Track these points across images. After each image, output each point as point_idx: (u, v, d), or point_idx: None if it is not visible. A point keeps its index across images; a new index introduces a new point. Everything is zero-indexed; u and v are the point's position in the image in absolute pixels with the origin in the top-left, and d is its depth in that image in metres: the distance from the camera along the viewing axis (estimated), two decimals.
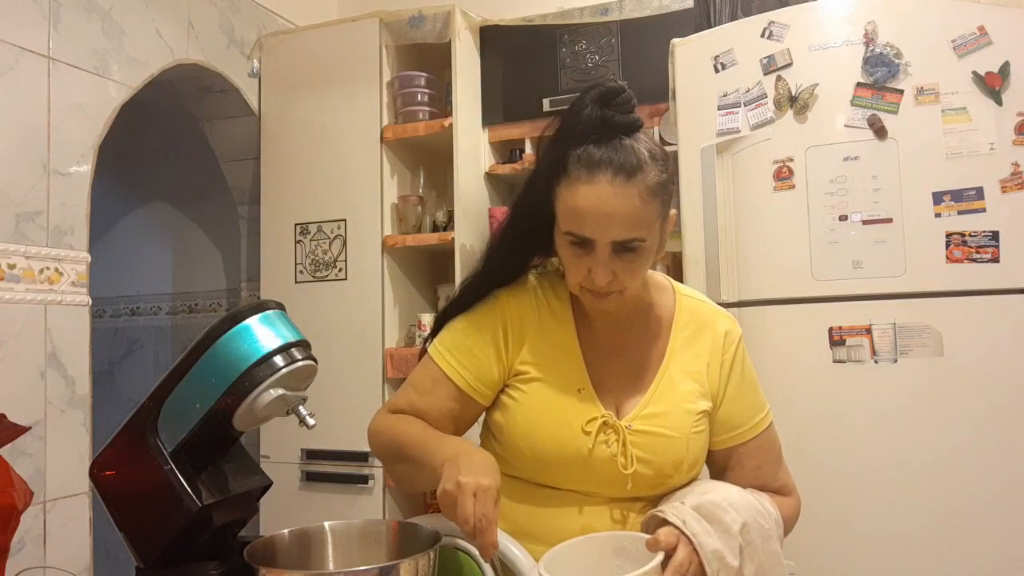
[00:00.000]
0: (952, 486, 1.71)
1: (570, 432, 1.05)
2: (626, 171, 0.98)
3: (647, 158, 0.99)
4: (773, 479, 1.15)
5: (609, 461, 1.04)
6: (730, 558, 0.93)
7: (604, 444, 1.05)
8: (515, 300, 1.13)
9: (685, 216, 2.01)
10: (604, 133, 1.00)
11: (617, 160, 0.98)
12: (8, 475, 1.04)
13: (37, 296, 2.04)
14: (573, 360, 1.10)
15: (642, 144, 1.01)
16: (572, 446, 1.04)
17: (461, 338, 1.12)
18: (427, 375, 1.12)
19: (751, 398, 1.15)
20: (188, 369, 0.97)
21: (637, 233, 0.99)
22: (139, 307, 3.43)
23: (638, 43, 2.49)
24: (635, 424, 1.06)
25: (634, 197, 0.98)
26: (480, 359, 1.10)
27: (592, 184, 0.98)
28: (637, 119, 1.02)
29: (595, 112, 1.00)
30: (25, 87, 2.03)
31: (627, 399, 1.09)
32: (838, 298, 1.82)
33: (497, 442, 1.12)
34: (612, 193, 0.97)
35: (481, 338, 1.11)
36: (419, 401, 1.11)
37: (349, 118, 2.62)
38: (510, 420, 1.08)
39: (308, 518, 0.98)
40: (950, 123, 1.77)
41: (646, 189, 0.98)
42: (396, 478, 1.14)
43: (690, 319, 1.14)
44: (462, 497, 0.87)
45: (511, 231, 1.12)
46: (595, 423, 1.05)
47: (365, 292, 2.56)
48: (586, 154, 0.99)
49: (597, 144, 0.99)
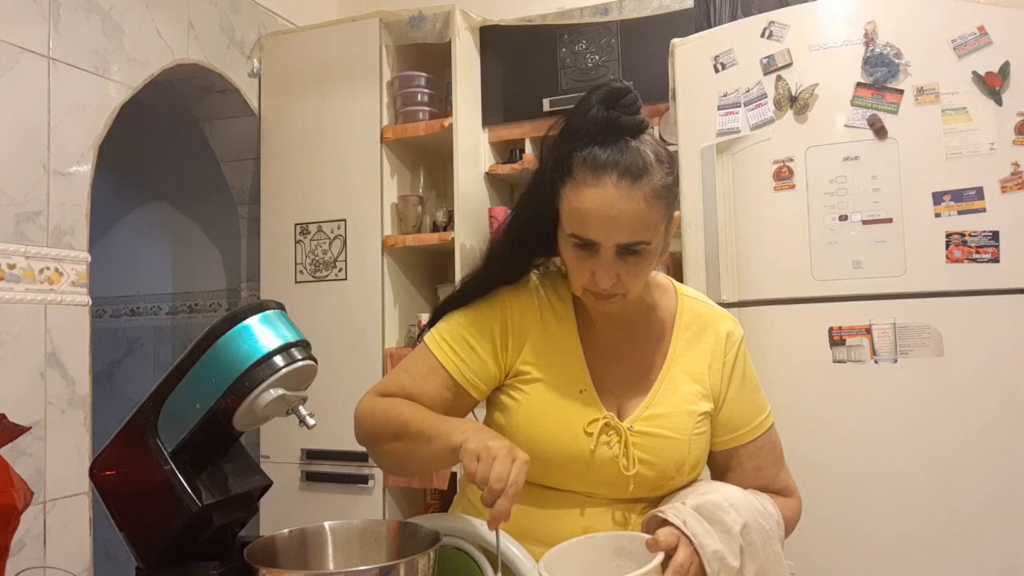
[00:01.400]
0: (952, 486, 1.71)
1: (572, 433, 1.05)
2: (632, 174, 0.96)
3: (653, 160, 0.98)
4: (774, 480, 1.15)
5: (611, 462, 1.04)
6: (731, 559, 0.93)
7: (606, 446, 1.04)
8: (517, 299, 1.12)
9: (685, 216, 2.01)
10: (610, 134, 0.98)
11: (623, 162, 0.96)
12: (8, 475, 1.03)
13: (37, 296, 2.04)
14: (575, 361, 1.10)
15: (648, 146, 0.99)
16: (574, 447, 1.04)
17: (460, 330, 1.11)
18: (422, 362, 1.11)
19: (752, 400, 1.15)
20: (188, 369, 0.97)
21: (642, 236, 0.98)
22: (139, 307, 3.43)
23: (638, 43, 2.49)
24: (637, 425, 1.06)
25: (640, 200, 0.96)
26: (478, 354, 1.09)
27: (598, 187, 0.96)
28: (643, 120, 1.00)
29: (601, 113, 0.98)
30: (25, 87, 2.03)
31: (629, 400, 1.09)
32: (838, 298, 1.82)
33: None
34: (617, 196, 0.96)
35: (480, 333, 1.10)
36: (411, 385, 1.09)
37: (349, 118, 2.62)
38: (511, 421, 1.08)
39: (308, 518, 0.97)
40: (950, 123, 1.77)
41: (652, 192, 0.97)
42: (386, 458, 1.10)
43: (692, 320, 1.14)
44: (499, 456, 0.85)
45: (514, 231, 1.11)
46: (597, 424, 1.04)
47: (365, 292, 2.56)
48: (591, 156, 0.97)
49: (603, 146, 0.97)
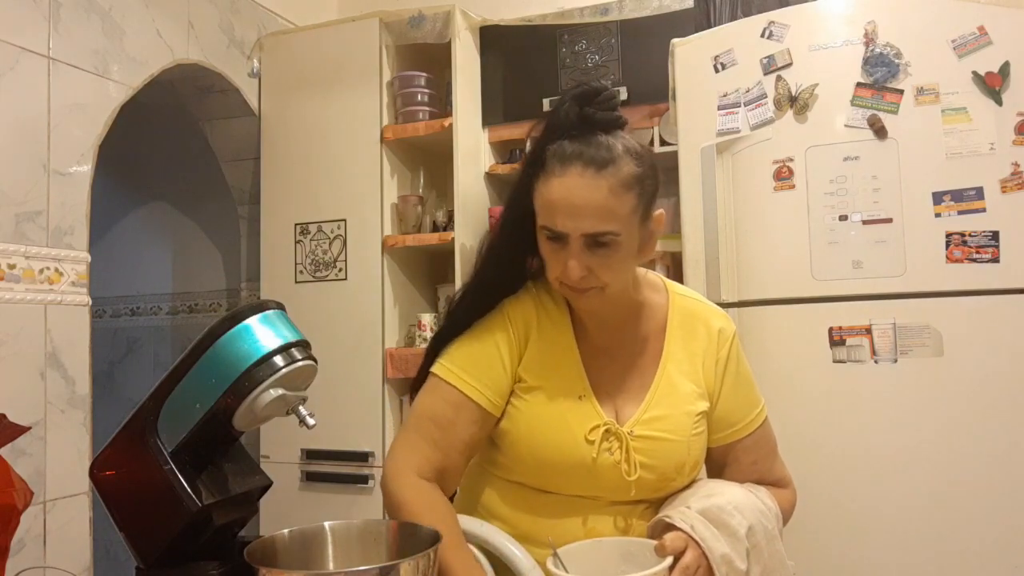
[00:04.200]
0: (952, 486, 1.71)
1: (573, 441, 1.04)
2: (596, 163, 0.98)
3: (621, 152, 0.99)
4: (770, 472, 1.15)
5: (613, 468, 1.04)
6: (738, 562, 0.94)
7: (608, 452, 1.04)
8: (518, 306, 1.12)
9: (685, 216, 2.01)
10: (583, 130, 1.00)
11: (588, 153, 0.98)
12: (8, 475, 1.03)
13: (37, 296, 2.04)
14: (573, 365, 1.09)
15: (619, 140, 1.01)
16: (576, 455, 1.04)
17: (471, 352, 1.09)
18: (445, 402, 1.07)
19: (747, 395, 1.15)
20: (188, 369, 0.97)
21: (608, 227, 0.98)
22: (139, 307, 3.43)
23: (638, 43, 2.49)
24: (636, 430, 1.05)
25: (603, 189, 0.97)
26: (494, 370, 1.08)
27: (563, 177, 0.99)
28: (618, 117, 1.02)
29: (575, 110, 1.01)
30: (25, 87, 2.03)
31: (626, 403, 1.09)
32: (838, 298, 1.82)
33: (498, 449, 1.11)
34: (581, 185, 0.97)
35: (488, 348, 1.09)
36: (443, 440, 1.05)
37: (349, 118, 2.61)
38: (512, 428, 1.08)
39: (308, 518, 0.97)
40: (950, 123, 1.77)
41: (617, 182, 0.98)
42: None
43: (684, 318, 1.14)
44: None
45: (504, 232, 1.11)
46: (598, 432, 1.04)
47: (365, 292, 2.56)
48: (560, 148, 1.00)
49: (572, 139, 1.00)
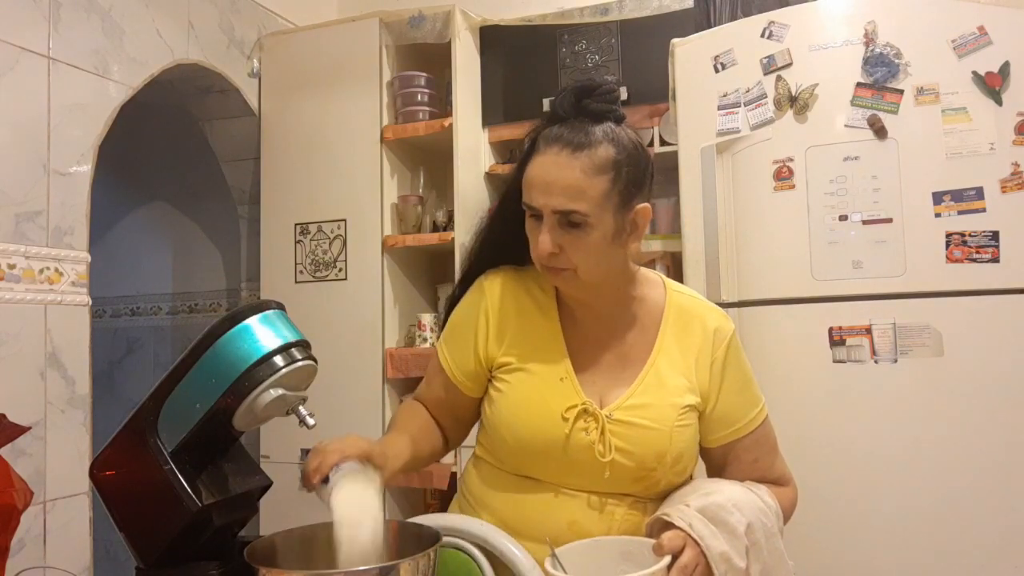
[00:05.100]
0: (952, 485, 1.71)
1: (550, 419, 1.06)
2: (573, 145, 1.02)
3: (600, 137, 1.03)
4: (771, 470, 1.15)
5: (587, 448, 1.05)
6: (737, 560, 0.94)
7: (583, 432, 1.05)
8: (497, 293, 1.16)
9: (685, 216, 2.01)
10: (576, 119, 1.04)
11: (567, 136, 1.03)
12: (8, 475, 1.04)
13: (37, 296, 2.04)
14: (556, 350, 1.11)
15: (604, 128, 1.03)
16: (551, 433, 1.06)
17: (452, 329, 1.20)
18: (432, 365, 1.22)
19: (746, 394, 1.15)
20: (188, 369, 0.97)
21: (577, 206, 1.01)
22: (139, 307, 3.43)
23: (638, 43, 2.49)
24: (616, 414, 1.07)
25: (575, 169, 1.01)
26: (463, 351, 1.16)
27: (543, 155, 1.04)
28: (611, 109, 1.05)
29: (570, 99, 1.04)
30: (25, 87, 2.03)
31: (612, 390, 1.10)
32: (838, 298, 1.82)
33: (485, 434, 1.15)
34: (555, 163, 1.02)
35: (464, 330, 1.17)
36: (424, 390, 1.23)
37: (349, 118, 2.61)
38: (495, 410, 1.11)
39: (308, 518, 0.97)
40: (950, 123, 1.77)
41: (591, 164, 1.01)
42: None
43: (680, 314, 1.15)
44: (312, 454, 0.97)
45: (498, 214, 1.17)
46: (574, 410, 1.06)
47: (365, 292, 2.56)
48: (548, 132, 1.05)
49: (562, 125, 1.04)
